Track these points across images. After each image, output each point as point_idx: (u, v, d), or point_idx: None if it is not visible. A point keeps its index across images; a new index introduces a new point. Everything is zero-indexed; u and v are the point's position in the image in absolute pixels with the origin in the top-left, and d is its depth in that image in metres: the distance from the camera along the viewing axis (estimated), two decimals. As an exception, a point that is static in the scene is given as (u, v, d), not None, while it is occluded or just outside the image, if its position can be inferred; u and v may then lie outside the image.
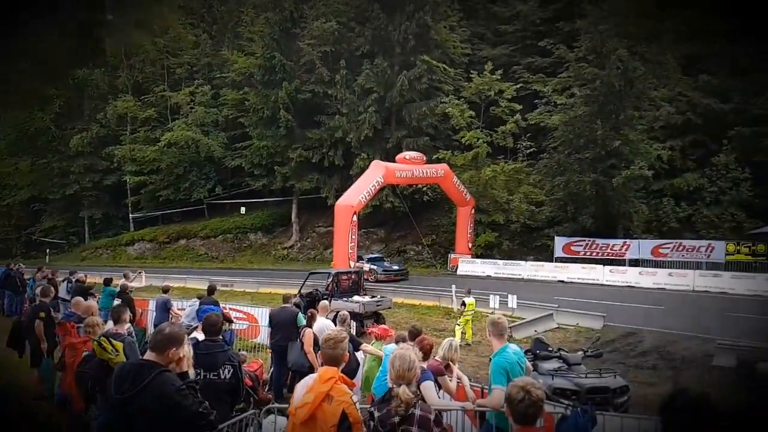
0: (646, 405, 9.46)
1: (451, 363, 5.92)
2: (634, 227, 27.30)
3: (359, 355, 8.33)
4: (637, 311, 18.83)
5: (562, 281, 26.04)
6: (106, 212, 49.36)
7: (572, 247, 28.00)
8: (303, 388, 3.56)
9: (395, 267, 28.06)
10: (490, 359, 5.03)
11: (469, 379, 6.44)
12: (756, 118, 26.57)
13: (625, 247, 26.70)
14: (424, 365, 5.27)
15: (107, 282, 13.21)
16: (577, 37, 28.31)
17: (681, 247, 25.69)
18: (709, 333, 14.96)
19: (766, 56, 27.21)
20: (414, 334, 6.46)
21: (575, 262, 27.15)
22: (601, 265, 25.93)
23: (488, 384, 5.09)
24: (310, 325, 8.51)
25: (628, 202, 26.75)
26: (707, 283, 22.94)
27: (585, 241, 27.77)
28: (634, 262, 26.15)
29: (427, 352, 5.73)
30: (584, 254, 27.59)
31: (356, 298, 16.89)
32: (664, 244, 26.14)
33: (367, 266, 26.78)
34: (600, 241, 27.34)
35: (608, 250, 27.12)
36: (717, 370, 12.40)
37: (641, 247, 26.35)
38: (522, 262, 28.35)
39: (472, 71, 33.34)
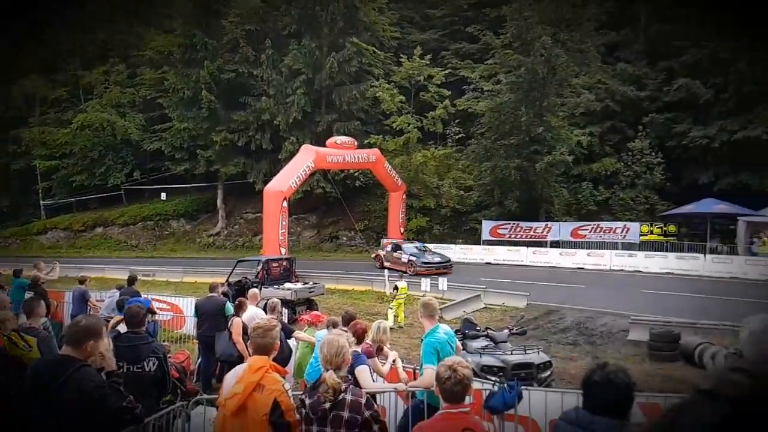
0: (567, 379, 10.00)
1: (383, 345, 5.99)
2: (555, 210, 28.43)
3: (292, 342, 8.25)
4: (558, 290, 19.77)
5: (489, 263, 26.94)
6: (15, 200, 45.86)
7: (498, 230, 28.87)
8: (233, 378, 3.49)
9: (436, 259, 24.93)
10: (422, 340, 5.11)
11: (402, 361, 6.55)
12: (668, 105, 28.27)
13: (547, 229, 27.89)
14: (359, 349, 5.30)
15: (17, 273, 12.29)
16: (503, 24, 28.89)
17: (599, 229, 27.09)
18: (624, 309, 15.93)
19: (678, 44, 29.00)
20: (347, 319, 6.45)
21: (501, 245, 28.11)
22: (525, 247, 27.01)
23: (420, 364, 5.18)
24: (238, 314, 8.32)
25: (550, 186, 27.80)
26: (623, 262, 24.39)
27: (510, 224, 28.69)
28: (555, 244, 27.35)
29: (360, 337, 5.74)
30: (509, 237, 28.54)
31: (288, 285, 16.65)
32: (583, 226, 27.47)
33: (405, 257, 24.94)
34: (524, 224, 28.36)
35: (531, 233, 28.21)
36: (631, 344, 13.28)
37: (561, 229, 27.57)
38: (452, 246, 28.92)
39: (401, 55, 33.38)
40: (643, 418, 4.95)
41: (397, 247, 25.86)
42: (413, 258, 24.58)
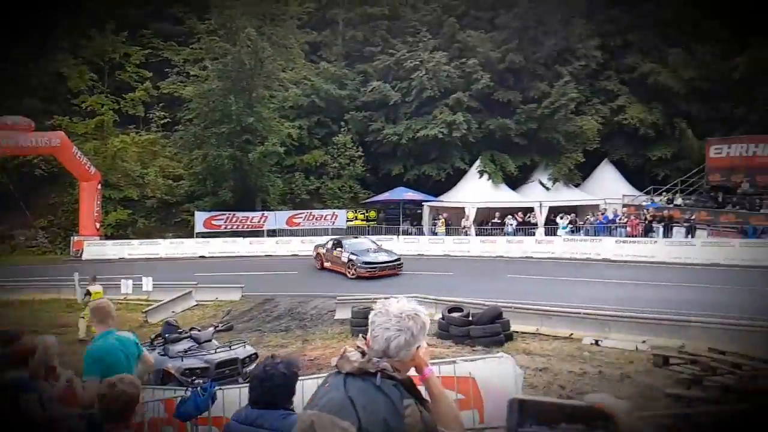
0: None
1: (52, 365, 4.96)
2: (270, 200, 28.91)
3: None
4: (274, 278, 20.14)
5: (204, 257, 25.79)
6: None
7: (213, 222, 27.88)
8: None
9: (381, 258, 20.38)
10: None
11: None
12: (365, 104, 31.14)
13: (263, 218, 28.08)
14: (27, 374, 4.28)
15: None
16: (208, 9, 27.91)
17: (311, 217, 28.51)
18: (333, 291, 16.92)
19: (371, 50, 32.15)
20: (6, 339, 5.13)
21: (217, 237, 27.23)
22: (242, 238, 26.71)
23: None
24: None
25: (264, 176, 28.09)
26: (332, 247, 26.04)
27: (226, 215, 28.01)
28: (272, 233, 27.80)
29: (18, 360, 4.58)
30: (225, 228, 27.85)
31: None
32: (297, 214, 28.57)
33: (345, 256, 20.51)
34: (240, 214, 28.03)
35: (248, 223, 28.04)
36: (338, 323, 14.14)
37: (277, 218, 28.13)
38: (161, 241, 26.91)
39: (90, 29, 29.31)
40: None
41: (338, 244, 21.60)
42: (354, 257, 20.34)
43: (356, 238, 23.03)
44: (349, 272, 20.14)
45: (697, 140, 28.71)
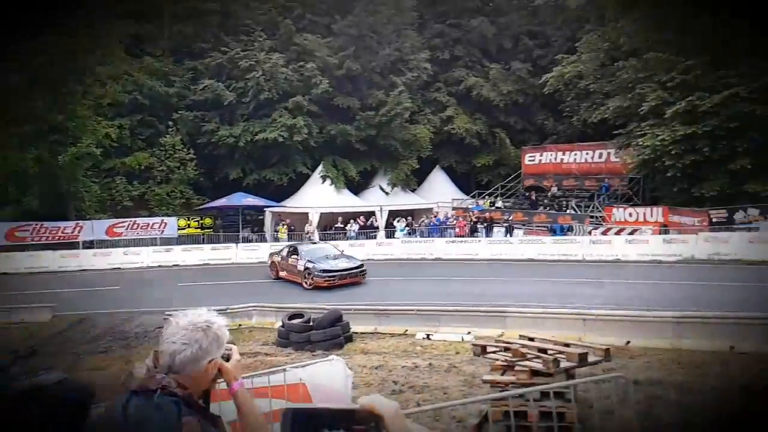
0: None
1: None
2: (86, 207, 26.24)
3: None
4: (91, 295, 18.18)
5: (6, 273, 22.55)
6: None
7: (17, 233, 24.57)
8: None
9: (342, 265, 17.97)
10: None
11: None
12: (196, 103, 29.43)
13: (78, 228, 25.19)
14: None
15: None
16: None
17: (136, 225, 26.21)
18: (162, 305, 15.48)
19: (201, 47, 30.55)
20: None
21: (21, 250, 23.96)
22: (51, 251, 23.73)
23: None
24: None
25: (78, 180, 25.46)
26: (161, 258, 24.24)
27: (32, 225, 24.78)
28: (89, 244, 25.05)
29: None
30: (32, 240, 24.63)
31: None
32: (119, 223, 26.10)
33: (301, 264, 18.05)
34: (49, 225, 24.89)
35: (59, 234, 24.99)
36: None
37: (95, 228, 25.46)
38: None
39: None
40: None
41: (293, 251, 19.23)
42: (311, 264, 17.94)
43: (314, 243, 21.50)
44: (305, 282, 18.13)
45: (515, 149, 32.13)
